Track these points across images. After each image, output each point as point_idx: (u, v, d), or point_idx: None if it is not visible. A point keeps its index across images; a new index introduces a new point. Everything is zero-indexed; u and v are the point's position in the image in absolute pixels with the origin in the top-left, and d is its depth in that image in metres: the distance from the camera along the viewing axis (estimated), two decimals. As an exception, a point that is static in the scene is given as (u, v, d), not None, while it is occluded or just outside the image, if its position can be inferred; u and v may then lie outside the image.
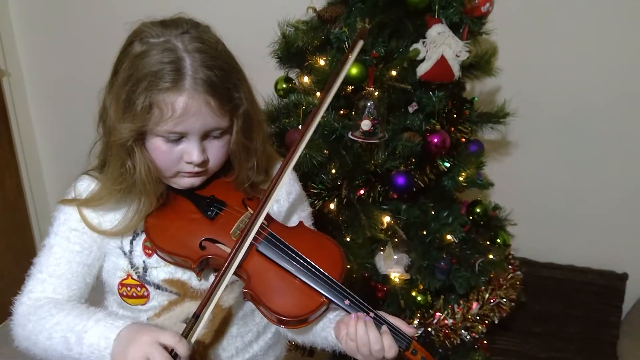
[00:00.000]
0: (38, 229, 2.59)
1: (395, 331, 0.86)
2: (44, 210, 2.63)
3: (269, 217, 0.94)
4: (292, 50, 1.56)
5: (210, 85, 0.82)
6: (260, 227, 0.90)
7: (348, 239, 1.55)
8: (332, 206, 1.57)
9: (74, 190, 0.94)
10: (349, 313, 0.87)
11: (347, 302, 0.87)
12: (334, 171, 1.52)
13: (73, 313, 0.85)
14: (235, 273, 0.91)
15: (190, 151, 0.86)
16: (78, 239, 0.92)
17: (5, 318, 0.98)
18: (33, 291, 0.91)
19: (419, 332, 1.54)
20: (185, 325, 0.97)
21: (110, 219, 0.93)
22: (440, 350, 1.58)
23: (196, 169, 0.89)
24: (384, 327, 0.85)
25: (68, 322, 0.84)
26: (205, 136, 0.87)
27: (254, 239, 0.89)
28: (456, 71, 1.46)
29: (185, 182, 0.92)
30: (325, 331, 0.94)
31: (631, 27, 1.92)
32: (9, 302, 0.93)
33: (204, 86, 0.81)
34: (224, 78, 0.84)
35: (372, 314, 0.87)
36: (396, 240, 1.57)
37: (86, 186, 0.94)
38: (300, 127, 1.56)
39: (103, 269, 0.97)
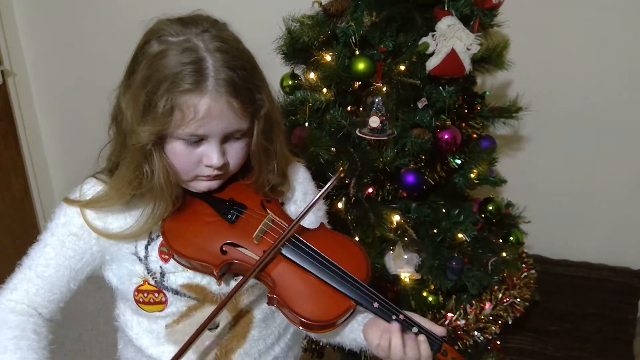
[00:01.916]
0: (46, 229, 2.58)
1: (425, 334, 0.85)
2: (51, 210, 2.59)
3: (291, 221, 0.92)
4: (297, 46, 1.53)
5: (233, 86, 0.79)
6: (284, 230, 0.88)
7: (357, 239, 1.53)
8: (340, 205, 1.55)
9: (79, 191, 0.92)
10: (378, 316, 0.87)
11: (376, 304, 0.86)
12: (341, 169, 1.49)
13: None
14: (259, 278, 0.89)
15: (210, 154, 0.84)
16: (73, 244, 0.90)
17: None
18: (17, 288, 0.89)
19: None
20: (208, 331, 0.95)
21: (121, 223, 0.90)
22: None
23: (215, 173, 0.87)
24: (420, 336, 0.85)
25: None
26: (225, 139, 0.85)
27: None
28: (467, 65, 1.43)
29: (202, 186, 0.89)
30: (354, 333, 0.93)
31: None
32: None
33: (226, 87, 0.79)
34: (246, 79, 0.81)
35: (401, 316, 0.86)
36: (406, 239, 1.55)
37: (90, 188, 0.92)
38: (306, 124, 1.53)
39: (114, 275, 0.95)
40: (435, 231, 1.58)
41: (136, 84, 0.81)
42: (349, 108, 1.52)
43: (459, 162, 1.54)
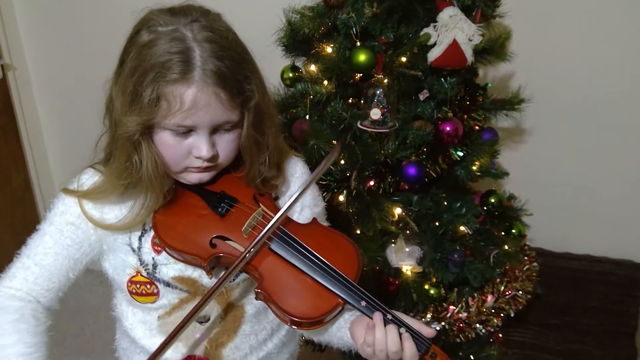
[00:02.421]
0: (47, 224, 2.58)
1: (413, 334, 0.84)
2: (52, 205, 2.62)
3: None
4: (298, 38, 1.52)
5: (220, 76, 0.79)
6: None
7: (358, 232, 1.52)
8: (341, 198, 1.54)
9: (77, 181, 0.92)
10: (365, 314, 0.85)
11: (363, 303, 0.85)
12: (342, 162, 1.49)
13: (19, 347, 0.83)
14: (247, 272, 0.89)
15: (199, 145, 0.83)
16: (71, 234, 0.90)
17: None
18: (16, 276, 0.89)
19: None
20: (198, 324, 0.95)
21: (116, 214, 0.91)
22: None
23: (205, 164, 0.86)
24: (404, 333, 0.83)
25: (10, 354, 0.82)
26: (214, 130, 0.84)
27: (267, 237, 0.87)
28: (469, 56, 1.42)
29: (193, 178, 0.89)
30: (341, 331, 0.92)
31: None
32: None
33: (213, 78, 0.78)
34: (234, 69, 0.81)
35: (389, 316, 0.84)
36: (408, 232, 1.54)
37: (88, 178, 0.92)
38: (307, 117, 1.52)
39: (110, 266, 0.96)
40: (437, 224, 1.57)
41: (125, 74, 0.81)
42: (350, 100, 1.51)
43: (460, 154, 1.53)
